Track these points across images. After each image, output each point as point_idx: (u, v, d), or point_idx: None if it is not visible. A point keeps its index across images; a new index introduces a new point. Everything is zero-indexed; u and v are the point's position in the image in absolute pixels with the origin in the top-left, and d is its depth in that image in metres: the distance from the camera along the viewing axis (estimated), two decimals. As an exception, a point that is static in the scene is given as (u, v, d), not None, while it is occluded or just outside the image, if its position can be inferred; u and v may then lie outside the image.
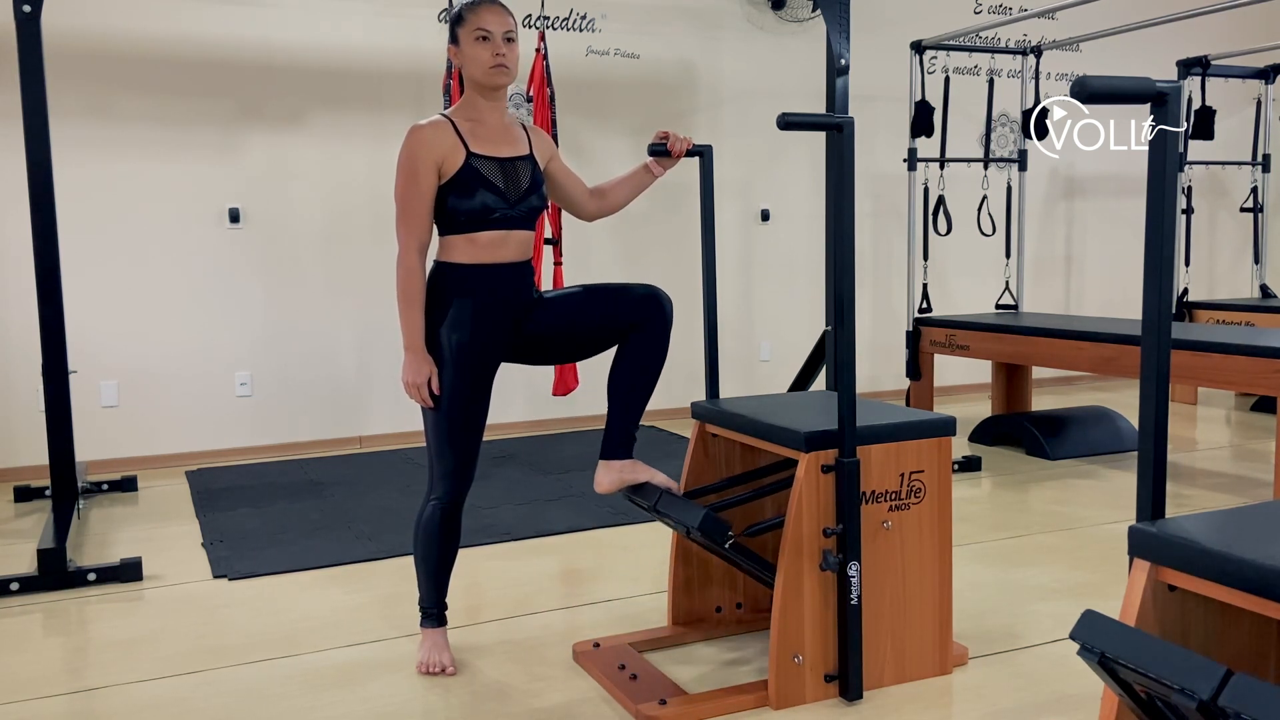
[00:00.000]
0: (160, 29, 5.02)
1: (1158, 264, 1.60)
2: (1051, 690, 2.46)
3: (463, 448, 2.52)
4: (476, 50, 2.47)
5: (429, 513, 2.58)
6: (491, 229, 2.50)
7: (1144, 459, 1.65)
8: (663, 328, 2.56)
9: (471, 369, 2.49)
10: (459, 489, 2.56)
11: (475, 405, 2.51)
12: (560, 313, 2.59)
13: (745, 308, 6.35)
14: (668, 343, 2.59)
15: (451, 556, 2.61)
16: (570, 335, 2.60)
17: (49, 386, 3.83)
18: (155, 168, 5.06)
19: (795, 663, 2.37)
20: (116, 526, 4.09)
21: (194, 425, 5.21)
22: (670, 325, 2.58)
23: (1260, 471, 4.68)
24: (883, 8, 6.39)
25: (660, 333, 2.56)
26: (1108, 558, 3.43)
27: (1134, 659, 1.39)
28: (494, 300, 2.51)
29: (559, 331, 2.59)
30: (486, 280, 2.51)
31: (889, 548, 2.44)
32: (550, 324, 2.59)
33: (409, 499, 4.35)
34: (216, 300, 5.21)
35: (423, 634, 2.66)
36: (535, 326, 2.59)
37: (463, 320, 2.49)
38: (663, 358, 2.58)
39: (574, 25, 5.79)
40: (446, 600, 2.66)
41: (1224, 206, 7.54)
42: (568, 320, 2.58)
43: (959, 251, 6.58)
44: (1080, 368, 4.77)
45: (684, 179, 6.00)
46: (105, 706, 2.49)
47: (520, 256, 2.56)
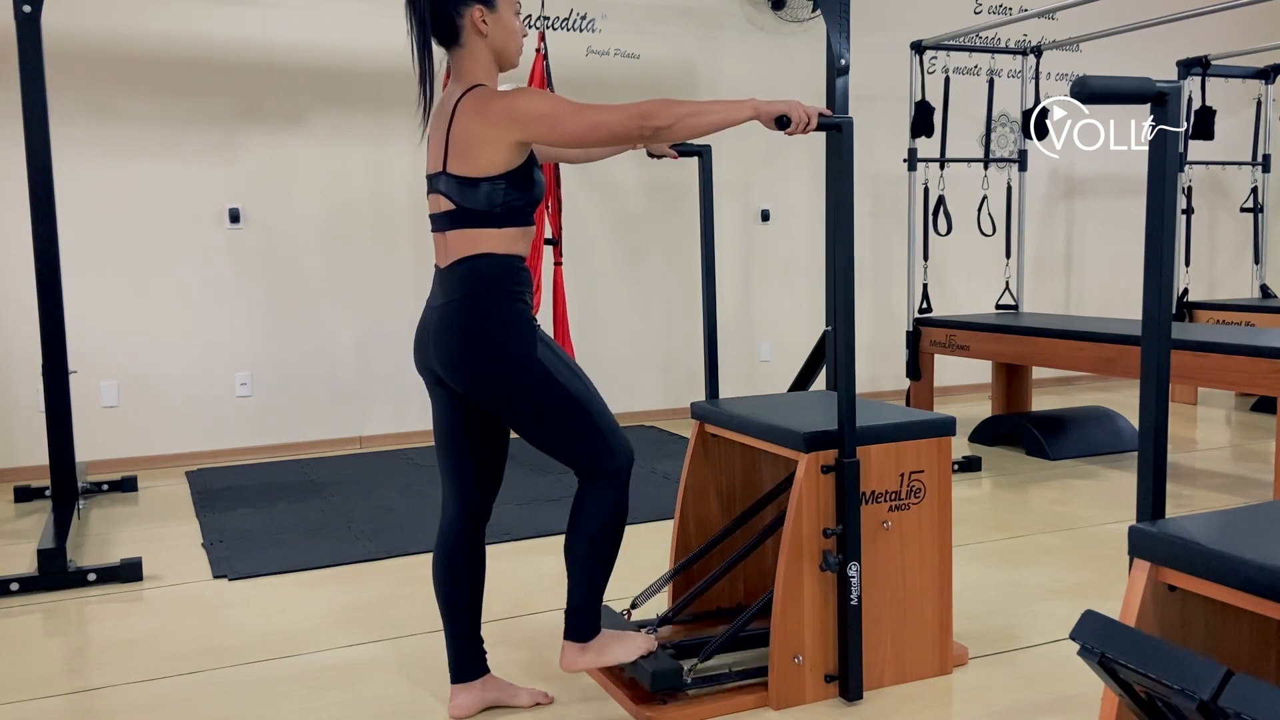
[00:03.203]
0: (160, 29, 5.02)
1: (1158, 264, 1.60)
2: (1051, 690, 2.46)
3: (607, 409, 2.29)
4: (515, 22, 2.23)
5: (621, 494, 2.24)
6: (533, 221, 2.25)
7: (1144, 459, 1.65)
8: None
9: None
10: (629, 449, 2.29)
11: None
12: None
13: (745, 308, 6.35)
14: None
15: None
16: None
17: (49, 386, 3.83)
18: (155, 168, 5.06)
19: (795, 663, 2.37)
20: (116, 526, 4.09)
21: (194, 425, 5.21)
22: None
23: (1260, 471, 4.68)
24: (883, 8, 6.39)
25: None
26: (1108, 558, 3.43)
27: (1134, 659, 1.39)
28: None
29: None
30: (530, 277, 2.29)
31: (889, 548, 2.44)
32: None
33: (409, 499, 4.35)
34: (216, 300, 5.21)
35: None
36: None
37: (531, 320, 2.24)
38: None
39: (574, 25, 5.79)
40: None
41: (1224, 206, 7.54)
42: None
43: (959, 251, 6.57)
44: (1080, 368, 4.76)
45: (683, 179, 6.02)
46: (105, 706, 2.49)
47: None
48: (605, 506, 2.22)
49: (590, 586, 2.25)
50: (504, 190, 2.13)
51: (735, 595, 2.88)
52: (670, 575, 2.72)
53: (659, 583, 2.68)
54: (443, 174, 2.16)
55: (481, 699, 2.38)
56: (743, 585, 2.89)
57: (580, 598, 2.26)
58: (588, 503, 2.24)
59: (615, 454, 2.23)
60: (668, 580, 2.72)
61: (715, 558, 2.77)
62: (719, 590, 2.84)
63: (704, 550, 2.72)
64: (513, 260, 2.18)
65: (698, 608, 2.79)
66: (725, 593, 2.86)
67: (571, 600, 2.27)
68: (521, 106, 2.09)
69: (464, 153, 2.12)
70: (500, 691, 2.41)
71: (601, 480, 2.23)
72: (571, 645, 2.28)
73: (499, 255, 2.16)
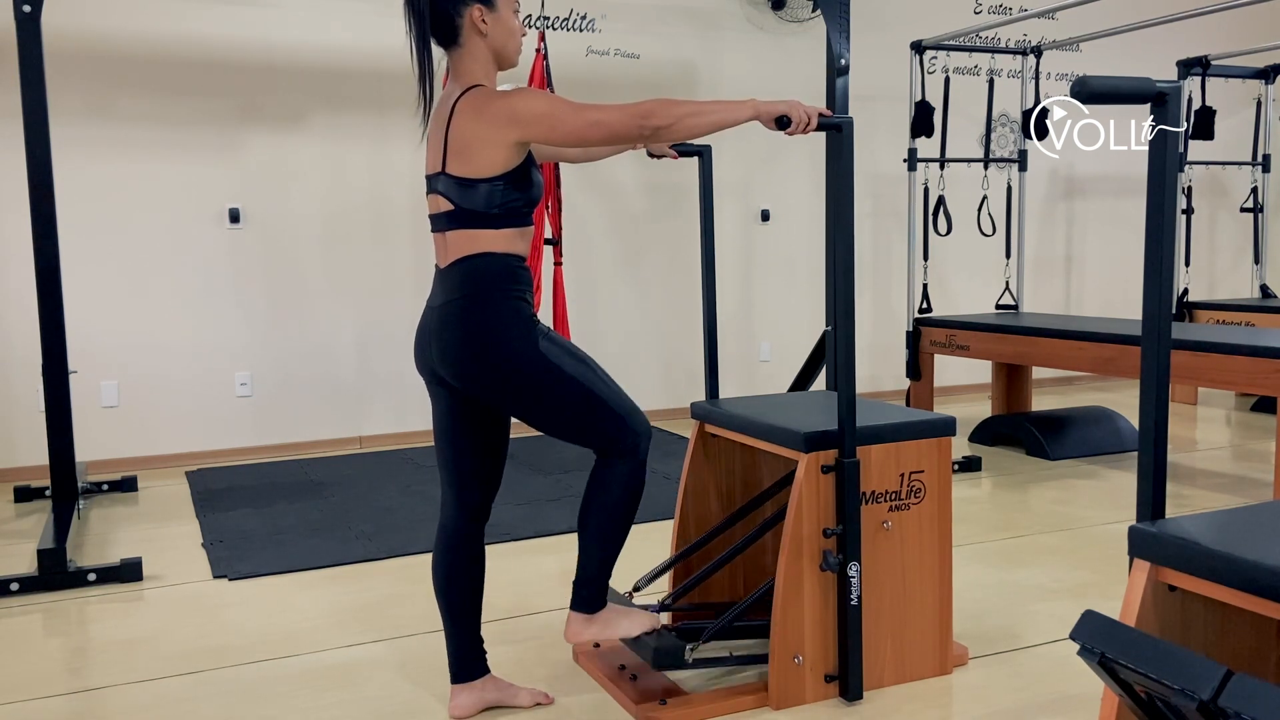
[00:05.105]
0: (160, 29, 5.02)
1: (1158, 264, 1.60)
2: (1051, 690, 2.46)
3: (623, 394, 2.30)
4: (515, 22, 2.23)
5: (638, 468, 2.26)
6: (531, 221, 2.25)
7: (1144, 459, 1.65)
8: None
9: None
10: (646, 426, 2.28)
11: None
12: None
13: (745, 308, 6.35)
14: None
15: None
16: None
17: (49, 386, 3.84)
18: (155, 168, 5.06)
19: (795, 663, 2.37)
20: (116, 527, 4.09)
21: (194, 425, 5.21)
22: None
23: (1260, 471, 4.68)
24: (883, 8, 6.39)
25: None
26: (1108, 558, 3.43)
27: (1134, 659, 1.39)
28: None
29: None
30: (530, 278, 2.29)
31: (889, 548, 2.44)
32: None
33: (409, 499, 4.35)
34: (216, 300, 5.21)
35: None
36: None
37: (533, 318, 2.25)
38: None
39: (574, 25, 5.79)
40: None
41: (1224, 206, 7.54)
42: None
43: (959, 251, 6.57)
44: (1080, 368, 4.76)
45: (683, 179, 6.02)
46: (105, 706, 2.49)
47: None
48: (621, 480, 2.24)
49: (601, 558, 2.28)
50: (503, 190, 2.13)
51: (734, 590, 2.88)
52: (671, 561, 2.72)
53: (660, 567, 2.68)
54: (442, 174, 2.16)
55: (482, 699, 2.38)
56: (742, 580, 2.89)
57: (591, 569, 2.29)
58: (604, 477, 2.26)
59: (631, 432, 2.24)
60: (669, 565, 2.71)
61: (715, 550, 2.77)
62: (718, 584, 2.84)
63: (704, 540, 2.72)
64: (512, 260, 2.19)
65: (697, 598, 2.79)
66: (724, 587, 2.87)
67: (581, 571, 2.29)
68: (520, 106, 2.09)
69: (463, 153, 2.12)
70: (500, 691, 2.41)
71: (617, 457, 2.25)
72: (577, 616, 2.31)
73: (498, 255, 2.16)
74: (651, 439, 2.29)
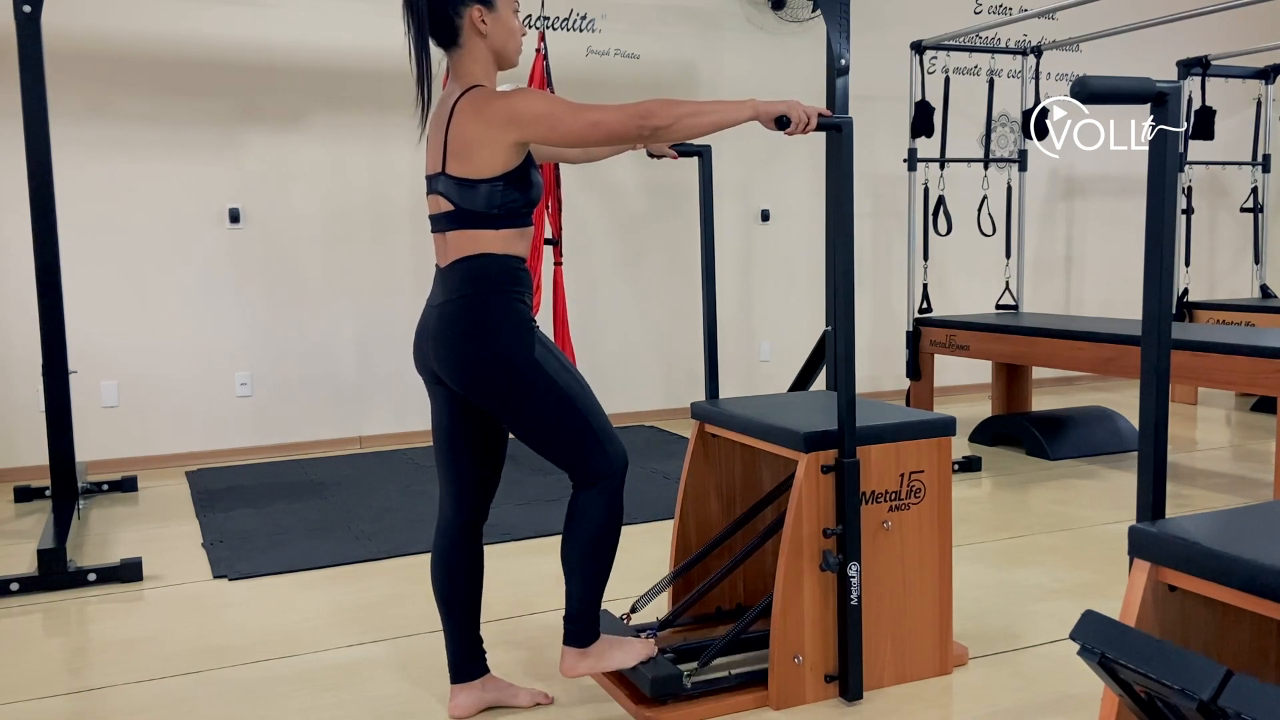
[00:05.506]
0: (160, 29, 5.02)
1: (1158, 264, 1.60)
2: (1051, 690, 2.46)
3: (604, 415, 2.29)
4: (515, 22, 2.23)
5: (615, 498, 2.23)
6: (531, 222, 2.24)
7: (1144, 459, 1.65)
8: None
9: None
10: (624, 454, 2.27)
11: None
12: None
13: (745, 308, 6.35)
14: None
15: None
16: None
17: (49, 386, 3.83)
18: (155, 168, 5.06)
19: (795, 663, 2.37)
20: (116, 527, 4.09)
21: (194, 425, 5.21)
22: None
23: (1260, 471, 4.68)
24: (883, 8, 6.39)
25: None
26: (1108, 558, 3.43)
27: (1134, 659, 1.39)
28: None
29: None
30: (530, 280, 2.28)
31: (889, 548, 2.44)
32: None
33: (409, 499, 4.35)
34: (216, 300, 5.21)
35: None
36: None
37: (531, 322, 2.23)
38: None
39: (574, 25, 5.79)
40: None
41: (1224, 206, 7.54)
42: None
43: (959, 251, 6.57)
44: (1080, 368, 4.76)
45: (683, 180, 6.02)
46: (105, 706, 2.49)
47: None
48: (600, 512, 2.22)
49: (588, 593, 2.25)
50: (503, 191, 2.13)
51: (735, 596, 2.88)
52: (670, 579, 2.72)
53: (659, 586, 2.68)
54: (441, 175, 2.16)
55: (481, 699, 2.38)
56: (743, 586, 2.89)
57: (578, 604, 2.26)
58: (583, 508, 2.23)
59: (610, 459, 2.22)
60: (667, 584, 2.71)
61: (715, 559, 2.77)
62: (719, 591, 2.84)
63: (703, 553, 2.72)
64: (512, 260, 2.18)
65: (697, 610, 2.79)
66: (725, 594, 2.86)
67: (570, 607, 2.27)
68: (520, 107, 2.09)
69: (463, 153, 2.12)
70: (500, 691, 2.41)
71: (596, 485, 2.22)
72: (571, 651, 2.29)
73: (498, 255, 2.16)
74: (626, 472, 2.25)
